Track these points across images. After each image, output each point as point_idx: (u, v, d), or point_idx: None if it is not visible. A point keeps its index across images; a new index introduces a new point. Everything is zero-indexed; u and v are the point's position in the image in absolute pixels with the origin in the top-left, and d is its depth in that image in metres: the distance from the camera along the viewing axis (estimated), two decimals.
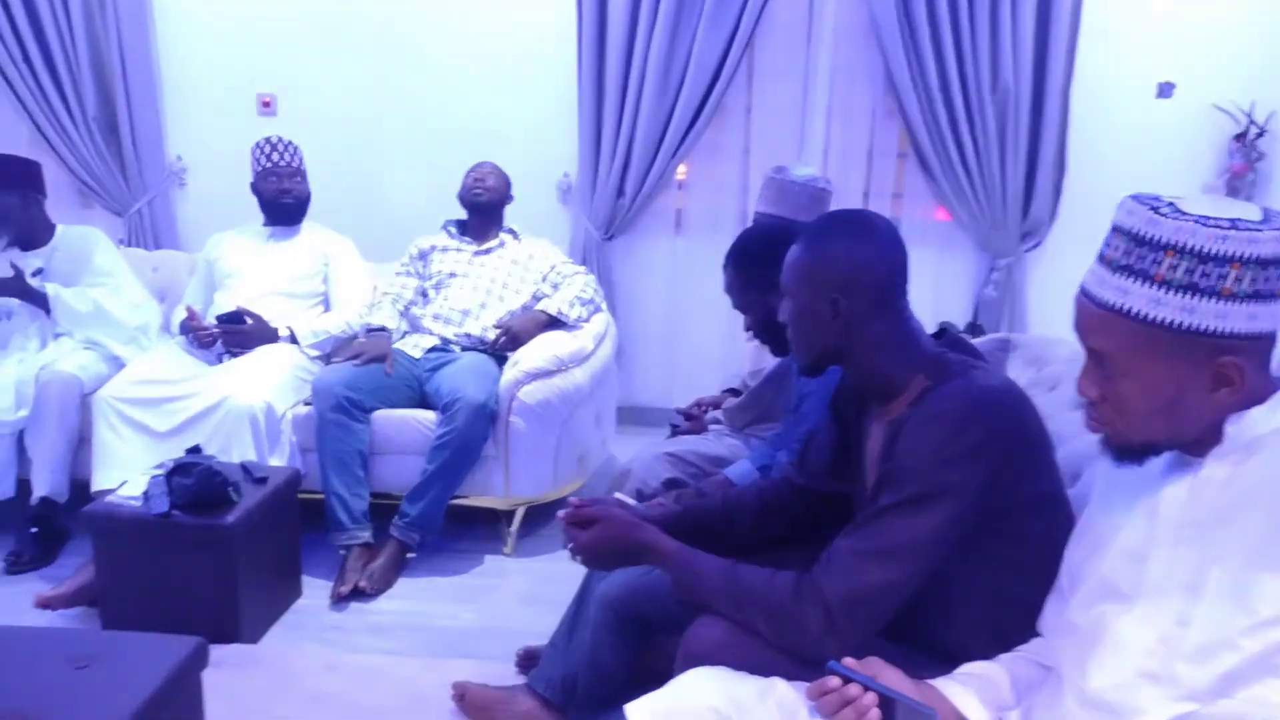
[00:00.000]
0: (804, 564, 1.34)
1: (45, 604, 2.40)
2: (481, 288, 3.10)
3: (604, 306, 3.28)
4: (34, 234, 3.01)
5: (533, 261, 3.19)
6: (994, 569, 1.28)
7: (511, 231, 3.24)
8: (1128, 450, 1.06)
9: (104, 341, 2.94)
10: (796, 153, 3.64)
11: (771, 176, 2.42)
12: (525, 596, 2.68)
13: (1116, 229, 1.03)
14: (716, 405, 2.50)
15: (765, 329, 1.89)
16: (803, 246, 1.37)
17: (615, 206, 3.68)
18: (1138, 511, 1.07)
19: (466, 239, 3.20)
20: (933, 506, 1.20)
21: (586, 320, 3.12)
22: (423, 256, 3.20)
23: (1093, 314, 1.04)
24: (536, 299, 3.15)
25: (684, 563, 1.40)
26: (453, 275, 3.13)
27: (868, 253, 1.32)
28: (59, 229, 3.08)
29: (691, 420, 2.50)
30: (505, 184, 3.21)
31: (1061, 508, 1.31)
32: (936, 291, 3.69)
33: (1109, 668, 1.05)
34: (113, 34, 3.55)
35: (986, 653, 1.26)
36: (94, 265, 3.03)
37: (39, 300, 2.90)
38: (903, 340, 1.34)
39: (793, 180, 2.36)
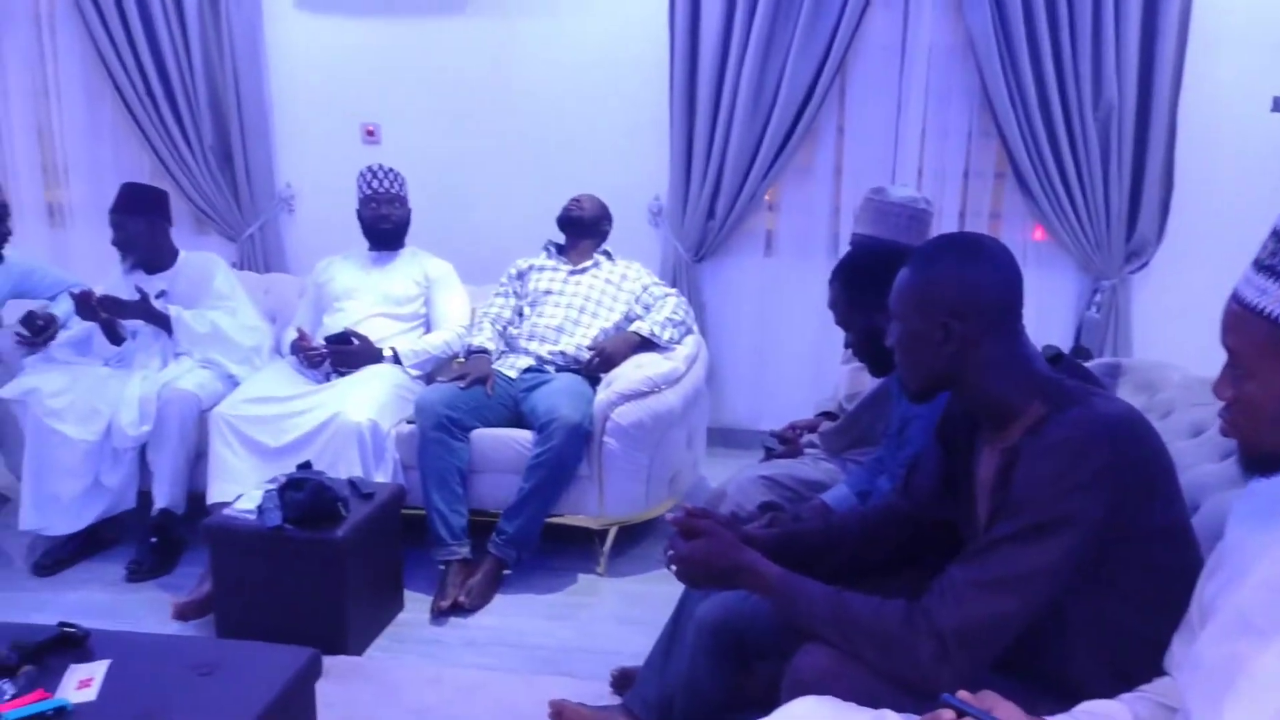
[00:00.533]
0: (908, 591, 1.32)
1: (180, 614, 2.53)
2: (575, 305, 3.16)
3: (695, 328, 3.30)
4: (159, 258, 3.20)
5: (625, 282, 3.24)
6: (1115, 602, 1.24)
7: (606, 253, 3.30)
8: (1256, 459, 1.03)
9: (220, 361, 3.09)
10: (890, 173, 3.61)
11: (870, 198, 2.41)
12: (618, 616, 2.70)
13: (1274, 231, 1.01)
14: (812, 429, 2.48)
15: (866, 348, 1.88)
16: (912, 270, 1.36)
17: (705, 228, 3.71)
18: (1278, 539, 1.03)
19: (563, 259, 3.27)
20: (1052, 537, 1.18)
21: (678, 342, 3.15)
22: (521, 276, 3.28)
23: (1231, 311, 1.03)
24: (628, 319, 3.19)
25: (788, 589, 1.39)
26: (548, 293, 3.20)
27: (980, 275, 1.31)
28: (182, 254, 3.26)
29: (786, 443, 2.48)
30: (601, 209, 3.29)
31: (1187, 540, 1.27)
32: (1035, 314, 3.57)
33: (1245, 709, 1.00)
34: (229, 70, 3.75)
35: (1106, 690, 1.22)
36: (214, 289, 3.20)
37: (162, 322, 3.06)
38: (1018, 365, 1.31)
39: (892, 201, 2.35)
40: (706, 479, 3.55)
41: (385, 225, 3.28)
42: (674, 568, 1.53)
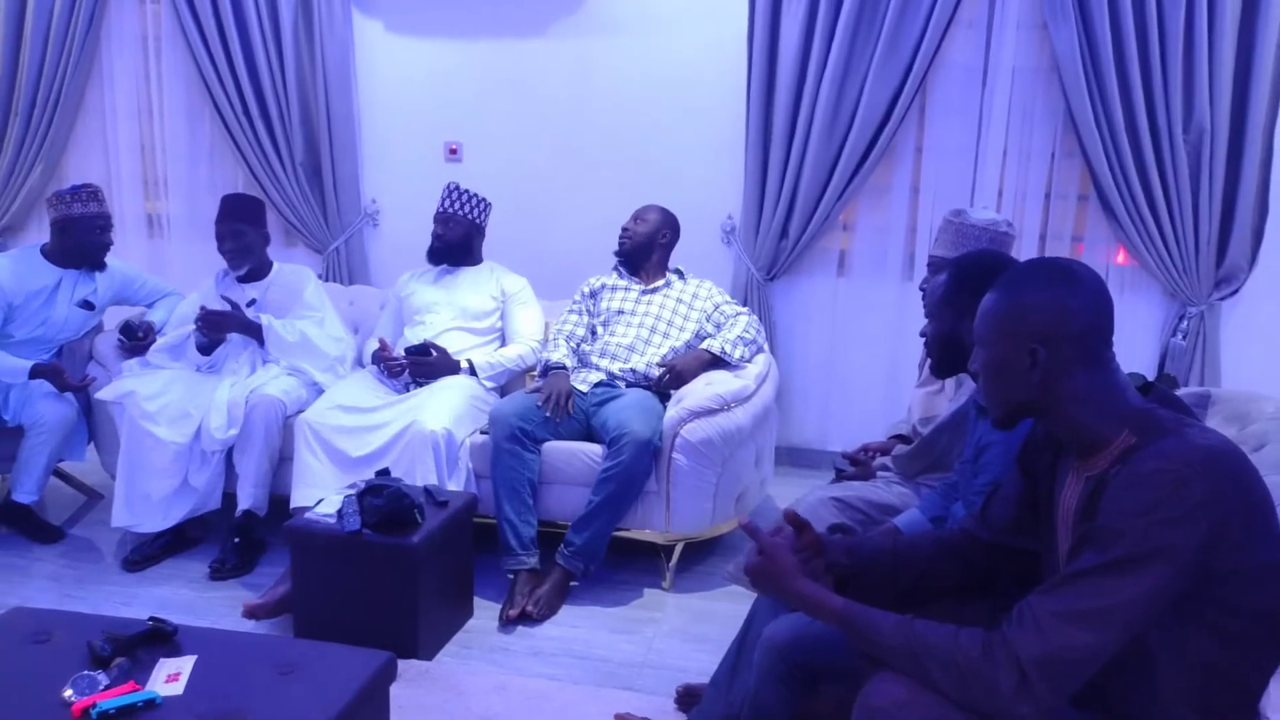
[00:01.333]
0: (981, 620, 1.30)
1: (251, 614, 2.61)
2: (647, 325, 3.19)
3: (766, 347, 3.30)
4: (258, 268, 3.34)
5: (696, 301, 3.26)
6: (1204, 640, 1.20)
7: (678, 272, 3.33)
8: None
9: (307, 369, 3.20)
10: (970, 194, 3.56)
11: (949, 220, 2.38)
12: (683, 633, 2.70)
13: None
14: (884, 451, 2.46)
15: (939, 344, 1.87)
16: (999, 295, 1.34)
17: (778, 248, 3.70)
18: None
19: (635, 279, 3.30)
20: (1141, 570, 1.15)
21: (749, 360, 3.15)
22: (594, 295, 3.33)
23: None
24: (699, 338, 3.21)
25: (852, 619, 1.37)
26: (620, 313, 3.23)
27: (1070, 301, 1.28)
28: (275, 266, 3.39)
29: (858, 465, 2.46)
30: (659, 225, 3.28)
31: None
32: (1116, 339, 3.47)
33: None
34: (320, 90, 3.90)
35: None
36: (304, 300, 3.33)
37: (254, 331, 3.19)
38: (1107, 393, 1.28)
39: (973, 224, 2.32)
40: (774, 498, 3.53)
41: (437, 242, 3.38)
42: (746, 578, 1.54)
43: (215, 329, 3.16)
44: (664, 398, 3.06)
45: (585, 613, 2.80)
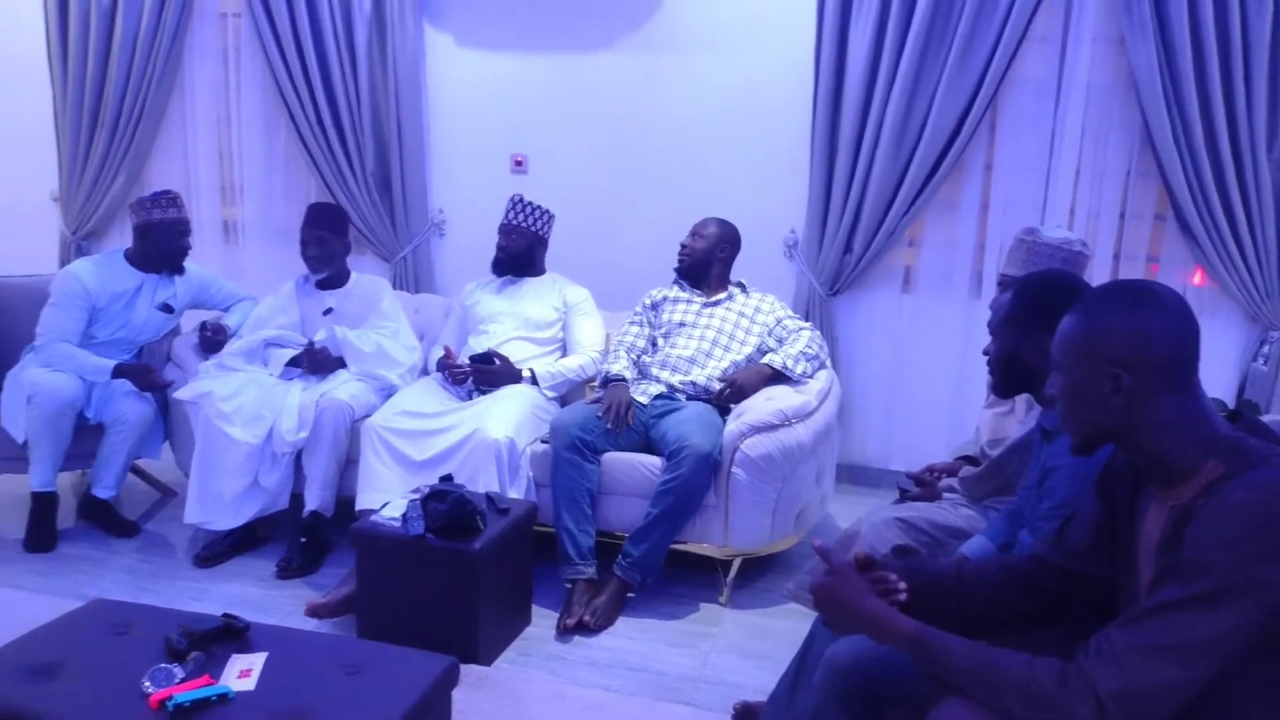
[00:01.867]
0: (1052, 649, 1.27)
1: (314, 613, 2.66)
2: (708, 338, 3.19)
3: (829, 363, 3.28)
4: (336, 276, 3.43)
5: (759, 315, 3.25)
6: None
7: (740, 285, 3.32)
8: None
9: (383, 375, 3.28)
10: (1040, 212, 3.49)
11: (1021, 238, 2.34)
12: (740, 649, 2.69)
13: None
14: (950, 472, 2.42)
15: (1001, 363, 1.85)
16: (1079, 318, 1.31)
17: (841, 263, 3.68)
18: None
19: (697, 291, 3.31)
20: (1227, 605, 1.11)
21: (811, 376, 3.13)
22: (655, 307, 3.34)
23: None
24: (761, 352, 3.20)
25: (922, 642, 1.35)
26: (681, 325, 3.24)
27: (1154, 326, 1.25)
28: (353, 276, 3.48)
29: (923, 486, 2.43)
30: (717, 240, 3.28)
31: None
32: None
33: None
34: (392, 102, 3.99)
35: None
36: (381, 310, 3.42)
37: (334, 361, 3.28)
38: (1194, 421, 1.25)
39: (1045, 242, 2.28)
40: (834, 516, 3.50)
41: (500, 254, 3.44)
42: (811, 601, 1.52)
43: (321, 368, 3.26)
44: (724, 411, 3.06)
45: (642, 625, 2.80)
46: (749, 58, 3.71)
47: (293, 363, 3.28)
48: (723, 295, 3.28)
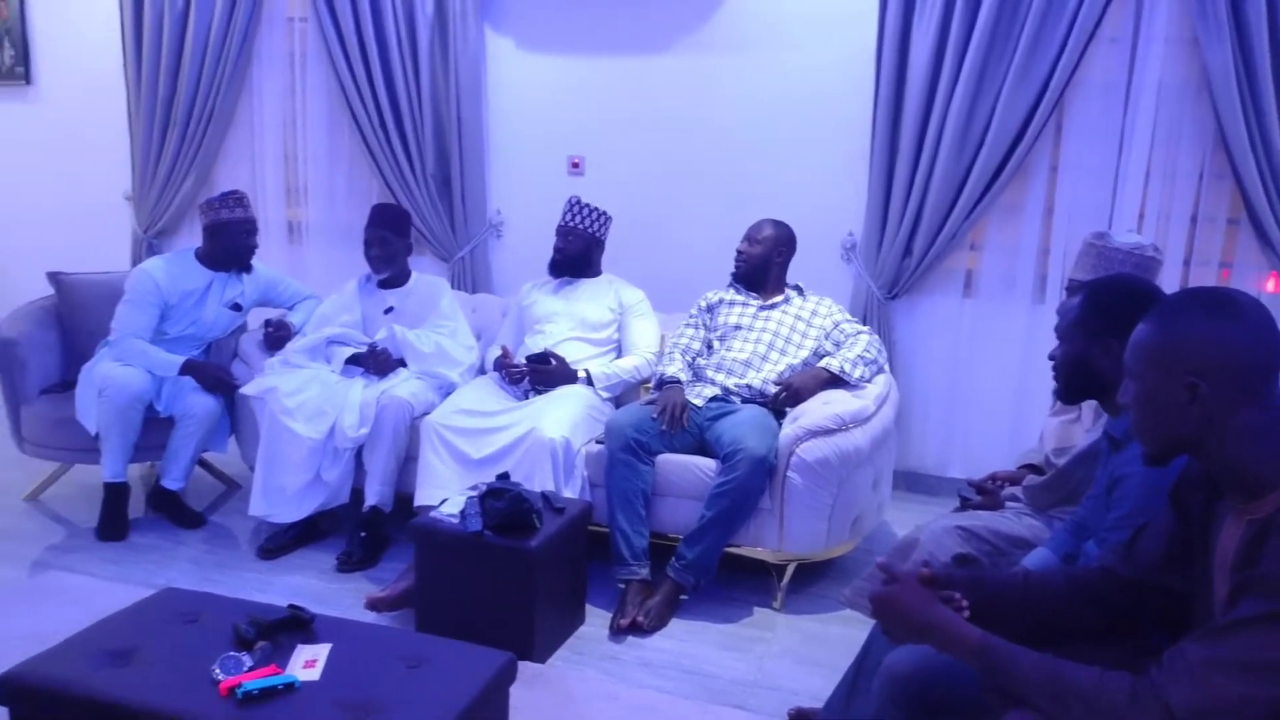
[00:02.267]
0: (1120, 662, 1.24)
1: (373, 606, 2.71)
2: (764, 341, 3.17)
3: (887, 368, 3.24)
4: (397, 275, 3.49)
5: (815, 318, 3.23)
6: None
7: (797, 288, 3.30)
8: None
9: (442, 374, 3.33)
10: (1108, 216, 3.41)
11: (1091, 243, 2.29)
12: (795, 654, 2.67)
13: None
14: (1014, 481, 2.37)
15: (1068, 367, 1.81)
16: (1154, 325, 1.28)
17: (900, 266, 3.63)
18: None
19: (753, 294, 3.30)
20: None
21: (868, 380, 3.10)
22: (711, 310, 3.34)
23: None
24: (817, 355, 3.18)
25: (989, 652, 1.33)
26: (737, 328, 3.23)
27: (1234, 334, 1.22)
28: (414, 275, 3.55)
29: (985, 495, 2.38)
30: (773, 243, 3.25)
31: None
32: None
33: None
34: (453, 104, 4.04)
35: None
36: (440, 310, 3.47)
37: (396, 363, 3.34)
38: (1273, 432, 1.21)
39: (1116, 247, 2.22)
40: (890, 523, 3.46)
41: (558, 255, 3.46)
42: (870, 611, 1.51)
43: (384, 369, 3.31)
44: (779, 415, 3.04)
45: (695, 627, 2.80)
46: (808, 58, 3.68)
47: (354, 361, 3.34)
48: (779, 298, 3.27)
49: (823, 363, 3.12)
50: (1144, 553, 1.45)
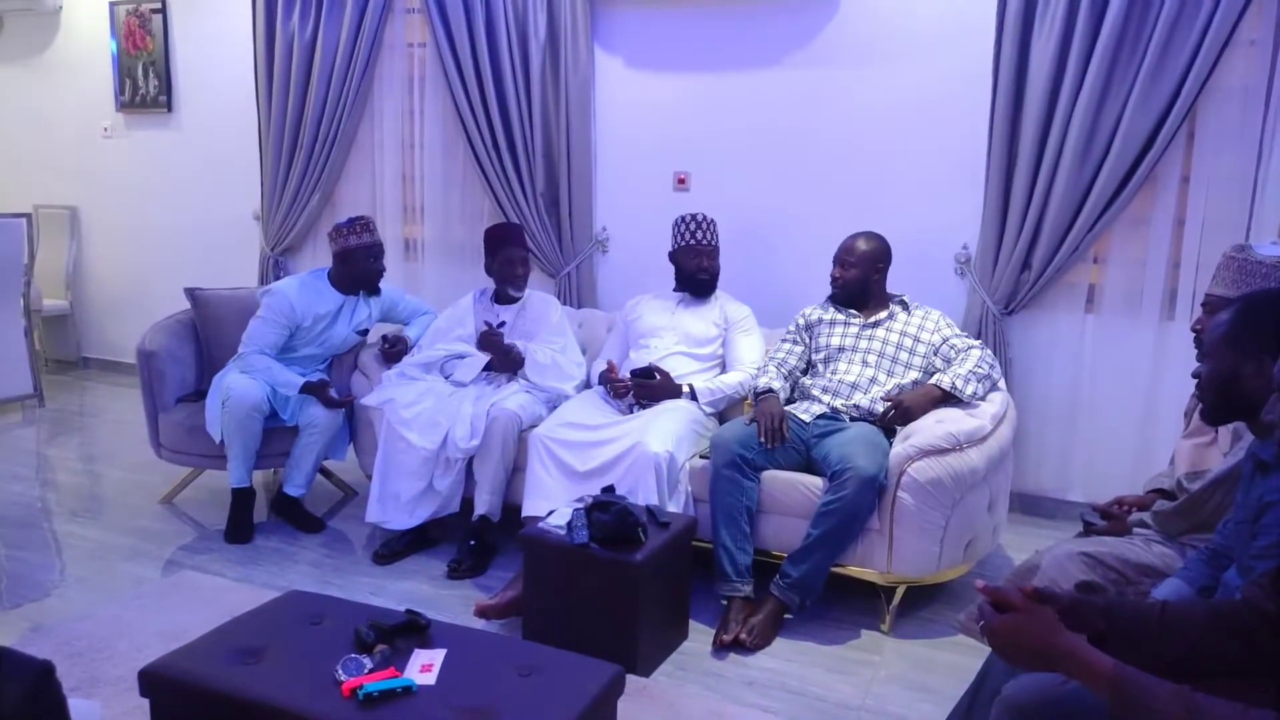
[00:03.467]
0: (1267, 703, 1.16)
1: (482, 613, 2.77)
2: (870, 362, 3.11)
3: (1002, 385, 3.13)
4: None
5: (924, 333, 3.15)
6: None
7: (901, 302, 3.22)
8: None
9: (555, 387, 3.41)
10: (1244, 227, 3.22)
11: (1231, 255, 2.16)
12: (904, 680, 2.60)
13: None
14: (1142, 506, 2.25)
15: (1215, 387, 1.70)
16: None
17: (1018, 280, 3.51)
18: None
19: (852, 312, 3.23)
20: None
21: (982, 398, 3.00)
22: (809, 328, 3.28)
23: None
24: (928, 374, 3.09)
25: (1122, 682, 1.26)
26: (841, 350, 3.17)
27: None
28: (527, 291, 3.63)
29: (1110, 520, 2.27)
30: (870, 260, 3.17)
31: None
32: None
33: None
34: (563, 124, 4.13)
35: None
36: (551, 325, 3.54)
37: (511, 358, 3.43)
38: None
39: (1260, 260, 2.09)
40: (1005, 547, 3.34)
41: (703, 275, 3.46)
42: (985, 639, 1.45)
43: (505, 356, 3.41)
44: (890, 433, 2.97)
45: (800, 647, 2.75)
46: (922, 69, 3.62)
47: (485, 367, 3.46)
48: (883, 314, 3.19)
49: (934, 379, 3.04)
50: None
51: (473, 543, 3.21)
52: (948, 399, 2.99)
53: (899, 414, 2.96)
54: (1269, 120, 3.17)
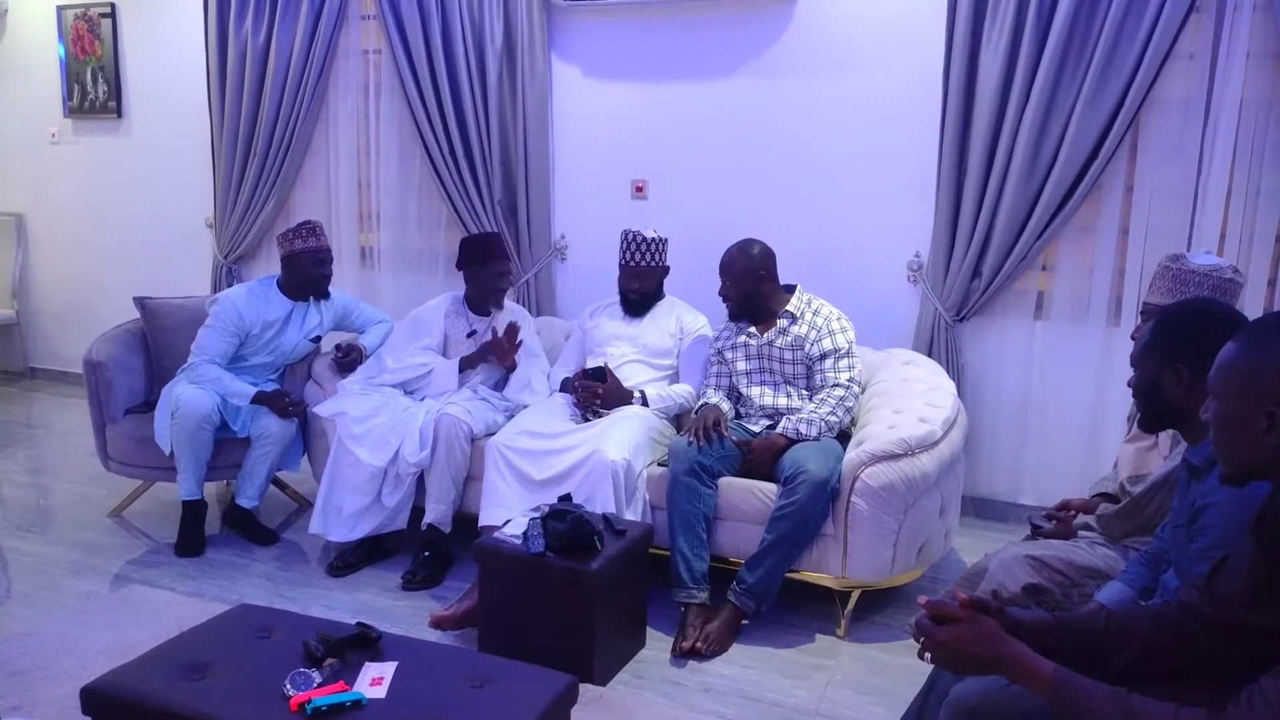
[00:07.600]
0: (1198, 699, 1.19)
1: (437, 624, 2.74)
2: (780, 384, 3.15)
3: (953, 390, 3.17)
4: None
5: (808, 344, 3.10)
6: None
7: (788, 313, 3.15)
8: None
9: (523, 400, 3.40)
10: (1185, 237, 3.31)
11: (1166, 265, 2.22)
12: (859, 684, 2.62)
13: None
14: (1087, 509, 2.30)
15: (1141, 396, 1.75)
16: (1239, 348, 1.24)
17: (969, 288, 3.57)
18: None
19: (751, 330, 3.19)
20: None
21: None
22: (720, 354, 3.26)
23: None
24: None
25: (1062, 686, 1.29)
26: (749, 374, 3.19)
27: None
28: (507, 304, 3.61)
29: (1057, 523, 2.31)
30: (749, 271, 3.11)
31: None
32: None
33: None
34: (520, 133, 4.12)
35: None
36: (527, 345, 3.52)
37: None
38: None
39: (1192, 270, 2.15)
40: (958, 550, 3.38)
41: (633, 295, 3.46)
42: (927, 656, 1.47)
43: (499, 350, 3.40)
44: (844, 438, 3.00)
45: (756, 653, 2.77)
46: (874, 79, 3.67)
47: (468, 360, 3.43)
48: (773, 330, 3.14)
49: (779, 428, 3.00)
50: (1225, 589, 1.39)
51: (426, 553, 3.18)
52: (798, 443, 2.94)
53: (752, 458, 2.96)
54: (1208, 132, 3.25)
